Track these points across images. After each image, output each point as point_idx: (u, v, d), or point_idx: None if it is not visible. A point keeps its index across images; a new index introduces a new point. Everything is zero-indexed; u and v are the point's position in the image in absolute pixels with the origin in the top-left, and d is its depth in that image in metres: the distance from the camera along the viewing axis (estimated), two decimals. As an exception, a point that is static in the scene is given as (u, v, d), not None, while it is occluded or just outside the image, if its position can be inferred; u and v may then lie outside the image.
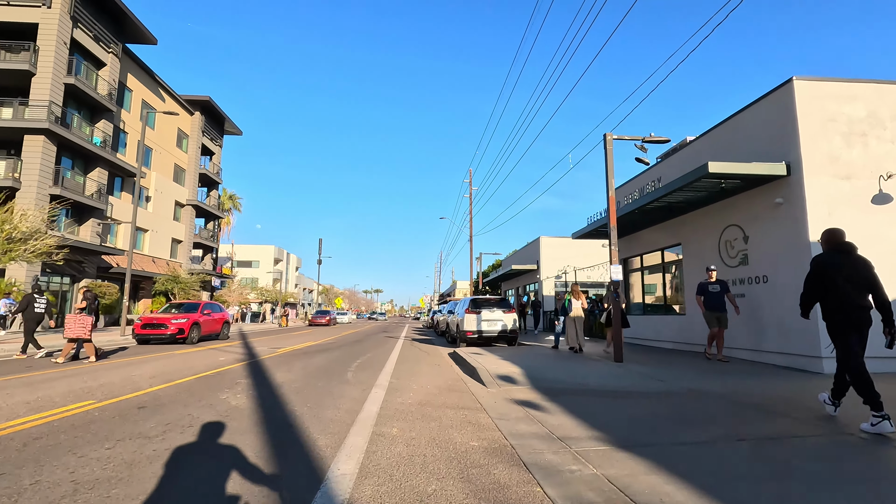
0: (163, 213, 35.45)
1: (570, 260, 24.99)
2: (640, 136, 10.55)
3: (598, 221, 14.11)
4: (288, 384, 7.60)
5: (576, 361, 10.26)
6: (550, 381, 7.59)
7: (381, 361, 11.26)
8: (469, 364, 9.77)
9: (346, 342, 18.08)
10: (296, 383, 7.72)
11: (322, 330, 28.66)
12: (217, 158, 43.67)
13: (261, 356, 12.20)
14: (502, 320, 15.02)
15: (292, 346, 15.83)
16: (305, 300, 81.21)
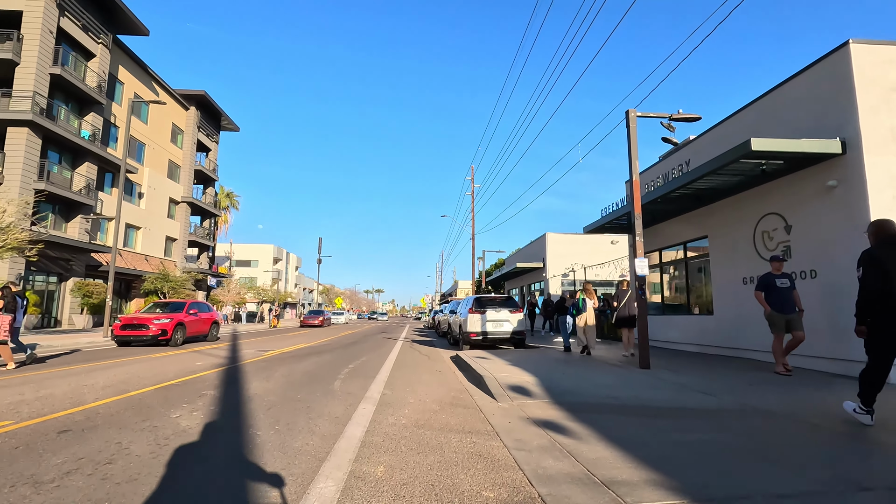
0: (156, 210, 34.30)
1: (578, 257, 23.75)
2: (666, 114, 9.33)
3: (617, 212, 12.87)
4: (261, 397, 6.39)
5: (596, 368, 9.03)
6: (572, 394, 6.37)
7: (376, 367, 10.04)
8: (474, 371, 8.56)
9: (341, 344, 16.87)
10: (271, 395, 6.51)
11: (317, 331, 27.26)
12: (213, 155, 42.52)
13: (243, 360, 11.00)
14: (508, 321, 13.79)
15: (282, 348, 14.62)
16: (305, 300, 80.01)
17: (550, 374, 8.12)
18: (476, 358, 10.51)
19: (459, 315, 15.04)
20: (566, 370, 8.64)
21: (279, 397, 6.37)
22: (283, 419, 5.10)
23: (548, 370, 8.60)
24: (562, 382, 7.25)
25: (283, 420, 5.06)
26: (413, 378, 8.44)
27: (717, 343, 11.01)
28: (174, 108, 36.72)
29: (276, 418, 5.14)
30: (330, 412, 5.49)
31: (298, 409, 5.61)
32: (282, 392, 6.77)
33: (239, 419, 5.10)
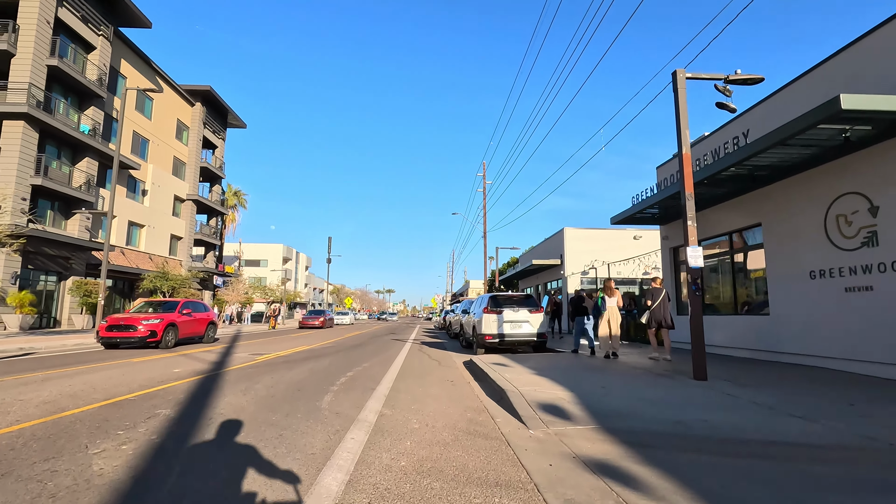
0: (160, 207, 33.35)
1: (598, 254, 22.14)
2: (721, 75, 7.78)
3: (650, 199, 11.31)
4: (227, 419, 5.01)
5: (639, 378, 7.52)
6: (623, 416, 4.90)
7: (378, 376, 8.62)
8: (493, 381, 7.11)
9: (343, 347, 15.51)
10: (241, 415, 5.13)
11: (320, 333, 25.19)
12: (220, 152, 41.58)
13: (230, 366, 9.67)
14: (528, 321, 12.32)
15: (278, 352, 13.30)
16: (316, 300, 79.10)
17: (586, 386, 6.63)
18: (493, 365, 9.06)
19: (473, 315, 13.59)
20: (604, 381, 7.14)
21: (249, 419, 4.98)
22: (240, 459, 3.69)
23: (582, 381, 7.11)
24: (605, 399, 5.77)
25: (238, 460, 3.66)
26: (420, 391, 7.00)
27: (773, 347, 9.42)
28: (179, 104, 35.79)
29: (230, 456, 3.74)
30: (306, 446, 4.08)
31: (266, 441, 4.20)
32: (255, 412, 5.38)
33: (177, 457, 3.71)
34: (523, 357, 10.78)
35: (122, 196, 29.69)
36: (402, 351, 14.02)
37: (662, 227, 13.61)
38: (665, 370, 8.36)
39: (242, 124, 42.93)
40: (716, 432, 4.32)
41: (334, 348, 14.79)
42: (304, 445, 4.08)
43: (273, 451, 3.90)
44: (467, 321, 14.66)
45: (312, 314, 33.74)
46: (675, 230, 12.91)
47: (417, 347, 15.61)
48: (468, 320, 14.49)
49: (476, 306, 13.99)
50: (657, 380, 7.27)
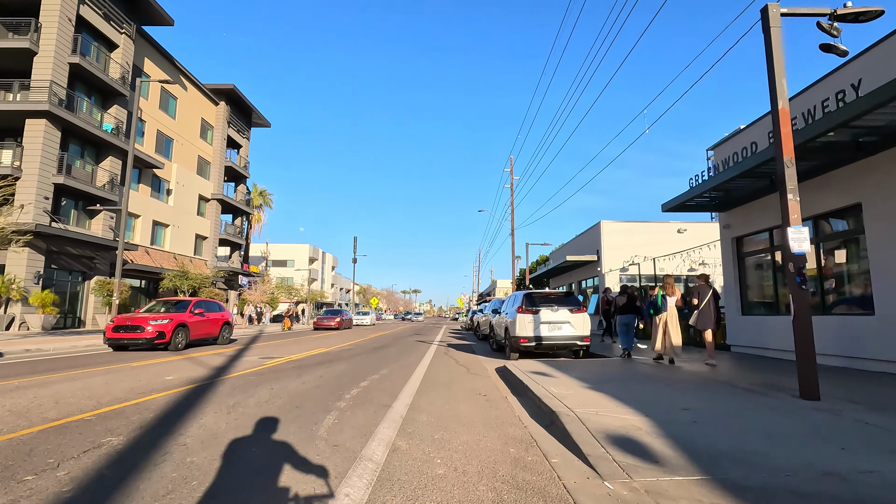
0: (185, 207, 33.02)
1: (638, 249, 20.28)
2: (826, 10, 6.09)
3: (716, 178, 9.58)
4: (185, 454, 3.71)
5: (725, 395, 5.88)
6: (739, 460, 3.35)
7: (396, 387, 7.25)
8: (536, 397, 5.63)
9: (364, 350, 14.25)
10: (206, 449, 3.83)
11: (340, 335, 22.98)
12: (244, 152, 41.24)
13: (231, 373, 8.48)
14: (569, 322, 10.75)
15: (291, 355, 12.12)
16: (342, 300, 78.82)
17: (662, 406, 5.07)
18: (533, 374, 7.56)
19: (505, 315, 12.10)
20: (681, 398, 5.55)
21: (212, 458, 3.66)
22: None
23: (652, 398, 5.55)
24: (696, 428, 4.22)
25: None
26: (446, 409, 5.58)
27: (879, 355, 7.62)
28: (203, 103, 35.48)
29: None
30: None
31: (223, 501, 2.86)
32: (229, 442, 4.07)
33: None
34: (566, 364, 9.22)
35: (147, 195, 29.40)
36: (426, 355, 12.64)
37: (722, 214, 11.81)
38: (753, 384, 6.69)
39: (267, 123, 42.53)
40: (887, 494, 2.75)
41: (352, 351, 13.53)
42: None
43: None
44: (498, 322, 13.18)
45: (328, 314, 30.91)
46: (740, 217, 11.11)
47: (443, 350, 14.22)
48: (499, 321, 13.01)
49: (508, 305, 12.49)
50: (751, 398, 5.64)
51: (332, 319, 29.11)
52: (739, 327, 11.14)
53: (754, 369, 8.41)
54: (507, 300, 13.05)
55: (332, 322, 28.77)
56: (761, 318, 10.56)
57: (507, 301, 12.98)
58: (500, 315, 13.00)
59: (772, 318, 10.16)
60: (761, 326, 10.42)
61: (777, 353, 9.93)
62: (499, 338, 13.00)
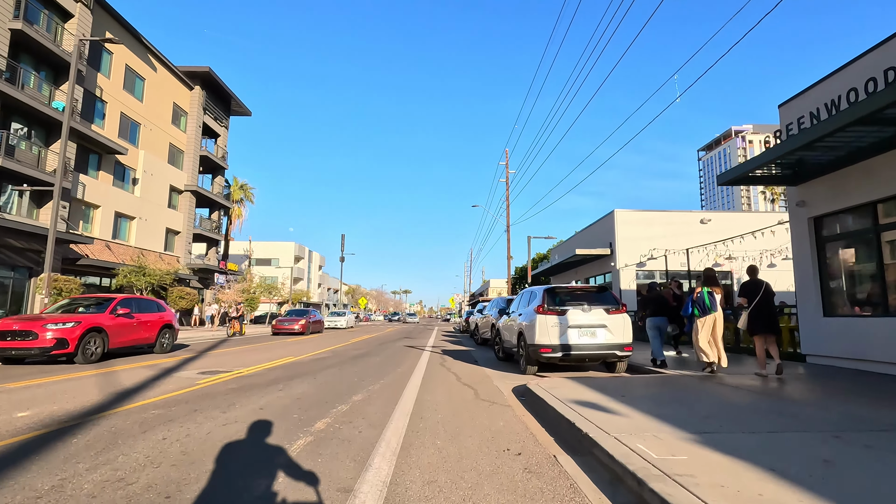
0: (154, 198, 29.93)
1: (658, 241, 17.79)
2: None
3: (794, 139, 7.00)
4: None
5: (871, 433, 3.25)
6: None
7: (370, 436, 4.50)
8: (624, 469, 2.96)
9: (338, 360, 11.50)
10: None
11: (313, 340, 18.70)
12: (223, 141, 38.17)
13: (130, 403, 5.72)
14: (604, 326, 8.13)
15: (241, 368, 9.35)
16: (330, 300, 75.68)
17: (798, 459, 2.45)
18: (579, 406, 4.89)
19: (518, 317, 9.42)
20: (815, 449, 2.92)
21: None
22: None
23: (785, 447, 2.91)
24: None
25: None
26: (458, 498, 2.89)
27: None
28: (175, 87, 32.41)
29: None
30: None
31: None
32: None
33: None
34: (613, 385, 6.56)
35: (108, 184, 26.31)
36: (417, 367, 9.92)
37: (794, 189, 9.27)
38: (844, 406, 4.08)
39: (247, 112, 39.50)
40: None
41: (324, 362, 10.78)
42: None
43: None
44: (507, 325, 10.51)
45: (292, 315, 25.15)
46: (823, 190, 8.57)
47: (438, 360, 11.51)
48: (508, 324, 10.33)
49: (521, 304, 9.83)
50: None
51: (296, 322, 23.51)
52: (821, 332, 8.61)
53: (826, 383, 5.84)
54: (520, 298, 10.38)
55: (295, 325, 23.28)
56: (856, 320, 8.02)
57: (519, 299, 10.32)
58: (510, 317, 10.33)
59: (875, 320, 7.61)
60: (856, 331, 7.89)
61: (883, 366, 7.38)
62: (508, 345, 10.33)
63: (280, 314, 28.10)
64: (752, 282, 7.73)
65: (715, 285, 8.25)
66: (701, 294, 8.15)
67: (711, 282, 8.48)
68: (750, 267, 8.16)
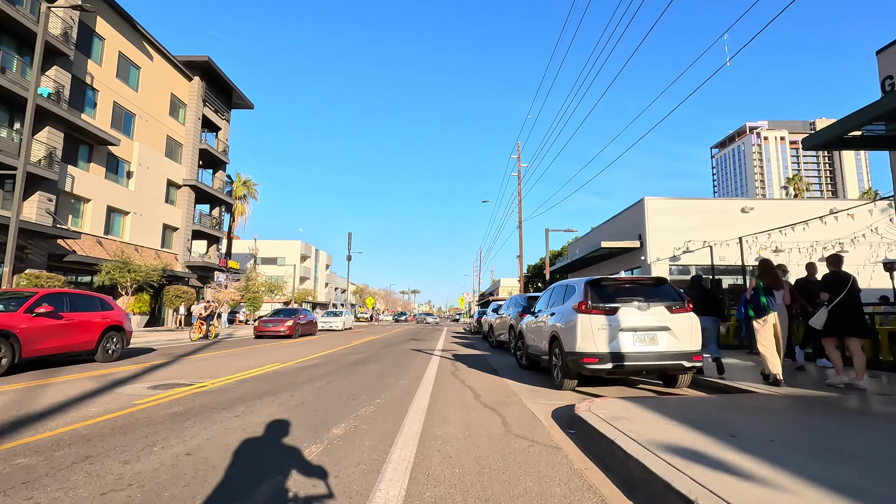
0: (150, 192, 28.41)
1: (692, 233, 15.78)
2: None
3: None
4: None
5: None
6: None
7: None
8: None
9: (332, 368, 9.68)
10: None
11: (307, 344, 16.09)
12: (224, 135, 36.63)
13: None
14: (668, 330, 6.22)
15: (205, 381, 7.54)
16: (338, 300, 74.11)
17: None
18: (672, 455, 3.00)
19: (550, 318, 7.50)
20: None
21: None
22: None
23: None
24: None
25: None
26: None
27: None
28: (173, 77, 30.89)
29: None
30: None
31: None
32: None
33: None
34: (696, 409, 4.63)
35: (100, 177, 24.79)
36: (423, 379, 8.05)
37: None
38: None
39: (249, 105, 37.92)
40: None
41: (311, 372, 8.95)
42: None
43: None
44: (533, 328, 8.58)
45: (280, 315, 21.09)
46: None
47: (449, 367, 9.64)
48: (536, 326, 8.41)
49: (553, 301, 7.91)
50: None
51: (282, 323, 19.72)
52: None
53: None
54: (549, 294, 8.45)
55: (282, 327, 19.51)
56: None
57: (549, 295, 8.38)
58: (538, 317, 8.41)
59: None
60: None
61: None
62: (535, 351, 8.42)
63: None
64: (835, 274, 6.39)
65: (772, 278, 6.79)
66: (755, 290, 6.54)
67: (768, 275, 6.84)
68: (832, 257, 6.67)
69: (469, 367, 9.78)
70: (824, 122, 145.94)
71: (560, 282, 8.21)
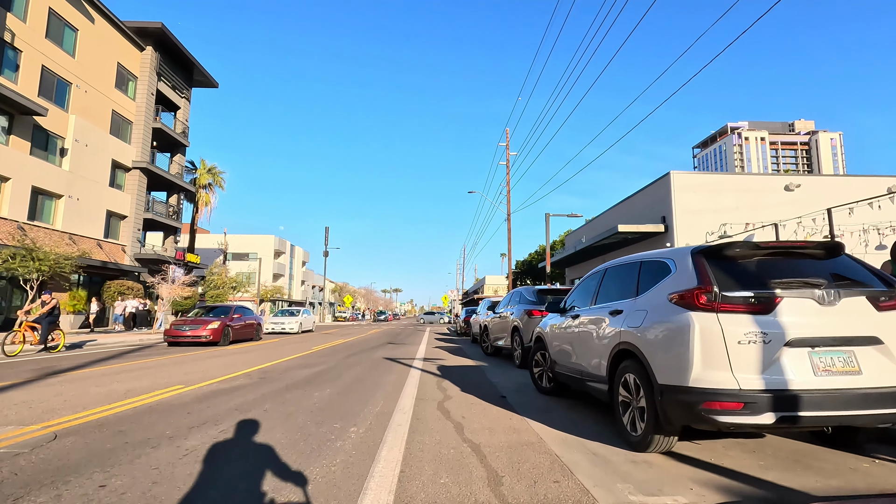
0: (90, 174, 24.41)
1: (727, 214, 12.90)
2: None
3: None
4: None
5: None
6: None
7: None
8: None
9: (257, 395, 6.33)
10: None
11: (242, 353, 12.11)
12: (183, 115, 32.66)
13: None
14: (878, 342, 3.04)
15: (34, 427, 4.13)
16: (315, 299, 70.05)
17: None
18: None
19: (614, 320, 4.28)
20: None
21: None
22: None
23: None
24: None
25: None
26: None
27: None
28: (120, 44, 26.89)
29: None
30: None
31: None
32: None
33: None
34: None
35: (23, 152, 20.77)
36: (390, 427, 4.76)
37: None
38: None
39: (212, 83, 33.97)
40: None
41: (215, 404, 5.55)
42: None
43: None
44: (573, 335, 5.33)
45: (210, 315, 15.50)
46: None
47: (434, 391, 6.38)
48: (579, 333, 5.15)
49: (609, 289, 4.72)
50: None
51: (203, 325, 14.20)
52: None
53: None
54: (599, 277, 5.17)
55: (202, 331, 14.01)
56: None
57: (600, 279, 5.12)
58: (581, 315, 5.18)
59: None
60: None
61: None
62: (572, 371, 5.18)
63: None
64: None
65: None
66: None
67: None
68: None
69: (464, 390, 6.54)
70: (802, 123, 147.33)
71: (618, 260, 5.02)
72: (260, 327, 17.55)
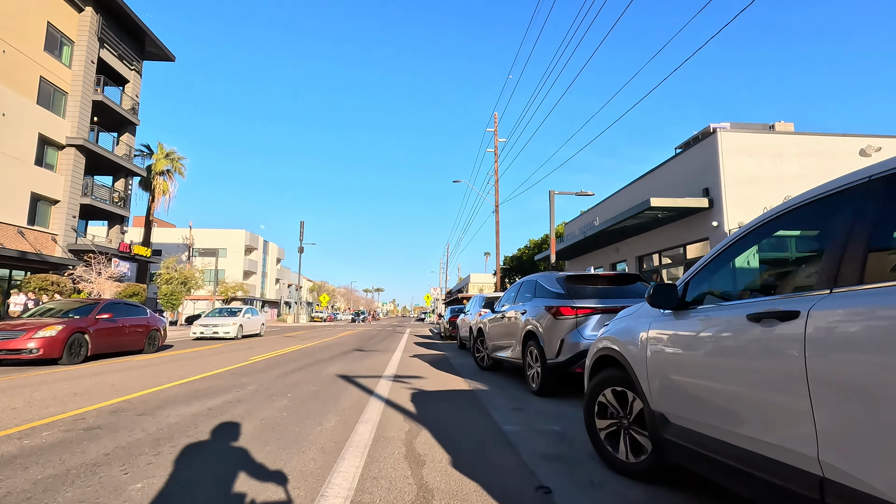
0: (9, 149, 20.38)
1: (793, 184, 9.92)
2: None
3: None
4: None
5: None
6: None
7: None
8: None
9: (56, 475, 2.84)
10: None
11: (144, 364, 9.03)
12: (133, 89, 28.64)
13: None
14: None
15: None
16: (291, 297, 65.88)
17: None
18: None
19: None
20: None
21: None
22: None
23: None
24: None
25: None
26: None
27: None
28: (52, 2, 22.88)
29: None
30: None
31: None
32: None
33: None
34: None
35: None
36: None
37: None
38: None
39: (168, 55, 29.96)
40: None
41: None
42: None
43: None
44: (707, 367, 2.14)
45: (41, 315, 10.15)
46: None
47: (400, 488, 3.07)
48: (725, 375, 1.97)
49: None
50: None
51: (30, 332, 8.73)
52: None
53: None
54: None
55: (25, 341, 8.61)
56: None
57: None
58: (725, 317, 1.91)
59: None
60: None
61: None
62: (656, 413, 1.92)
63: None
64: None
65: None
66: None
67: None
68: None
69: (455, 465, 3.23)
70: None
71: None
72: (157, 333, 12.18)
